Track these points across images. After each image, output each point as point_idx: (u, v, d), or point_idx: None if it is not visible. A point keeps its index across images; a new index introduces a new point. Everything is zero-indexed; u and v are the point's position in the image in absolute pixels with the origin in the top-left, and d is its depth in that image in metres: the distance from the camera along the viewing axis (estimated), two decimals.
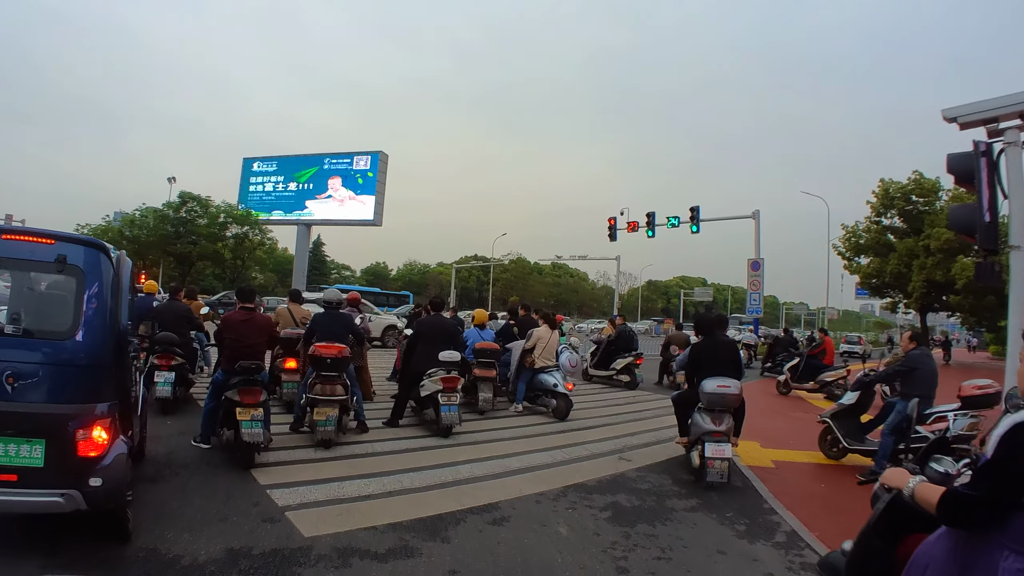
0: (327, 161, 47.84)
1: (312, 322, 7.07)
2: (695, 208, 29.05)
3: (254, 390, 5.53)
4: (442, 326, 7.78)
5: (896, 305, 40.81)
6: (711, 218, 30.36)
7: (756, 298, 29.24)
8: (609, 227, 32.45)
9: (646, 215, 30.91)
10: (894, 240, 35.01)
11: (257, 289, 53.70)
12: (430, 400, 7.24)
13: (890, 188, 34.09)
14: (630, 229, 31.72)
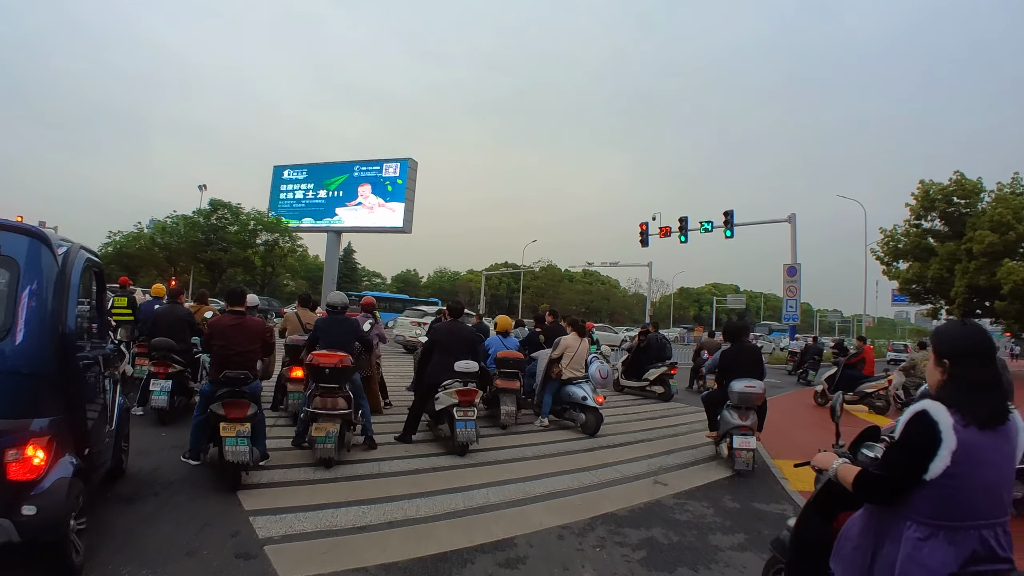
0: (357, 168, 47.99)
1: (315, 328, 6.46)
2: (729, 212, 28.12)
3: (240, 403, 4.92)
4: (459, 333, 7.05)
5: (937, 311, 38.98)
6: (745, 222, 29.40)
7: (793, 305, 28.09)
8: (641, 232, 31.62)
9: (679, 220, 30.13)
10: (935, 244, 33.29)
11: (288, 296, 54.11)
12: (445, 414, 6.56)
13: (930, 190, 32.44)
14: (662, 234, 30.88)
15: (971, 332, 2.15)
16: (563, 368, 8.65)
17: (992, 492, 2.01)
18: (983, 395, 2.02)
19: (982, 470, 1.97)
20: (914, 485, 2.00)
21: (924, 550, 1.99)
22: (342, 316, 6.43)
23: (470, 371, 6.60)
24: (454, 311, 7.41)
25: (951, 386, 2.07)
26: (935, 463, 1.94)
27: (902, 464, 2.03)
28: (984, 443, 1.96)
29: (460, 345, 6.85)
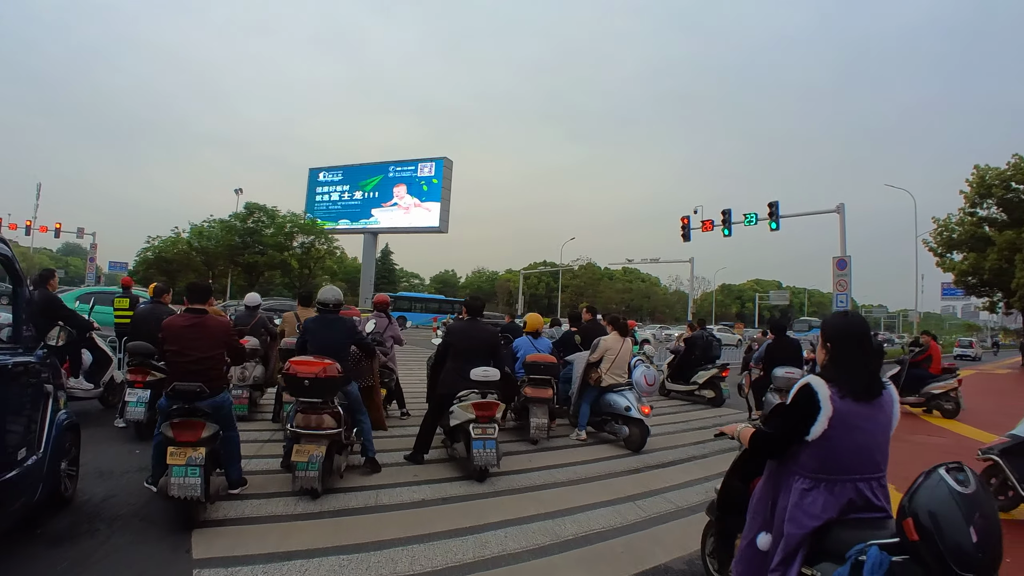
0: (392, 169, 47.80)
1: (303, 330, 5.44)
2: (774, 204, 26.46)
3: (192, 423, 3.95)
4: (477, 335, 5.89)
5: (995, 305, 36.32)
6: (791, 214, 27.70)
7: (843, 300, 26.13)
8: (683, 226, 30.23)
9: (721, 213, 28.62)
10: (992, 233, 30.85)
11: None
12: (460, 432, 5.50)
13: (987, 175, 30.05)
14: (705, 228, 29.41)
15: (850, 322, 2.57)
16: (603, 373, 7.50)
17: (864, 452, 2.41)
18: (857, 373, 2.43)
19: (854, 433, 2.38)
20: (799, 445, 2.43)
21: (807, 499, 2.41)
22: (334, 315, 5.38)
23: (489, 380, 5.52)
24: (472, 308, 6.15)
25: (831, 365, 2.50)
26: (815, 427, 2.36)
27: (787, 426, 2.47)
28: (857, 412, 2.38)
29: (478, 348, 5.75)
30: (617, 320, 7.95)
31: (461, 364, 5.64)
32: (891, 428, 2.46)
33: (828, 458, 2.38)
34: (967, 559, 1.96)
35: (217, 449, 4.20)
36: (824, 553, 2.36)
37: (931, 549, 2.00)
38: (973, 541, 1.97)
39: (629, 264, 61.22)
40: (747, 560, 2.69)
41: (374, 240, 49.59)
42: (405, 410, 8.02)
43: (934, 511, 2.03)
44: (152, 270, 37.76)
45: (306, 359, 4.69)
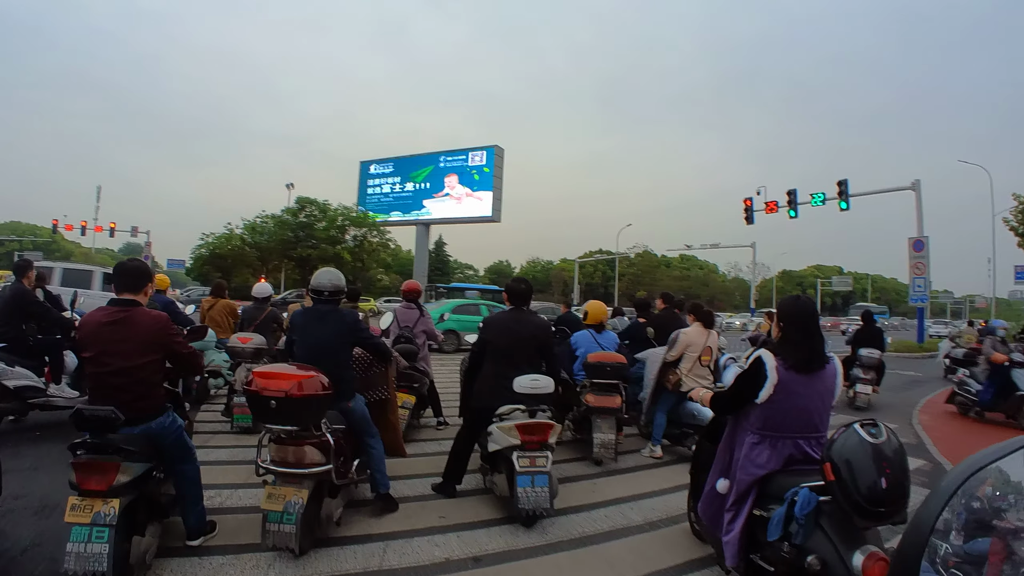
0: (442, 159, 46.94)
1: (289, 326, 4.18)
2: (843, 182, 24.55)
3: (102, 465, 2.71)
4: (521, 330, 4.41)
5: None
6: (861, 192, 25.56)
7: (921, 284, 23.54)
8: (745, 209, 28.79)
9: (787, 193, 26.99)
10: None
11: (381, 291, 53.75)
12: (501, 460, 4.13)
13: None
14: (769, 210, 27.97)
15: (799, 305, 2.98)
16: (683, 375, 6.01)
17: (803, 414, 2.83)
18: (800, 348, 2.84)
19: (795, 399, 2.81)
20: (750, 407, 2.90)
21: (755, 452, 2.87)
22: (329, 307, 3.98)
23: (539, 393, 4.07)
24: (515, 293, 4.60)
25: (780, 341, 2.93)
26: (762, 392, 2.79)
27: (739, 389, 2.94)
28: (799, 380, 2.81)
29: (523, 348, 4.33)
30: (700, 308, 6.41)
31: (502, 369, 4.25)
32: (832, 397, 2.91)
33: (772, 418, 2.84)
34: (876, 496, 2.29)
35: (158, 494, 3.00)
36: (770, 497, 2.80)
37: (844, 488, 2.35)
38: (881, 481, 2.30)
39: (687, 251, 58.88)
40: (709, 501, 3.17)
41: (426, 231, 48.84)
42: (442, 419, 6.71)
43: (848, 457, 2.38)
44: (207, 267, 38.01)
45: (275, 370, 3.33)
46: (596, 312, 6.31)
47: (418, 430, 6.44)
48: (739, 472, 2.89)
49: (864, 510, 2.29)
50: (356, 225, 42.12)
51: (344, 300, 8.13)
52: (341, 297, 4.05)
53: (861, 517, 2.34)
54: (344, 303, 8.06)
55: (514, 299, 4.61)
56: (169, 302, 6.93)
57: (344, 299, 8.10)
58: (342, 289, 4.05)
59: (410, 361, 6.10)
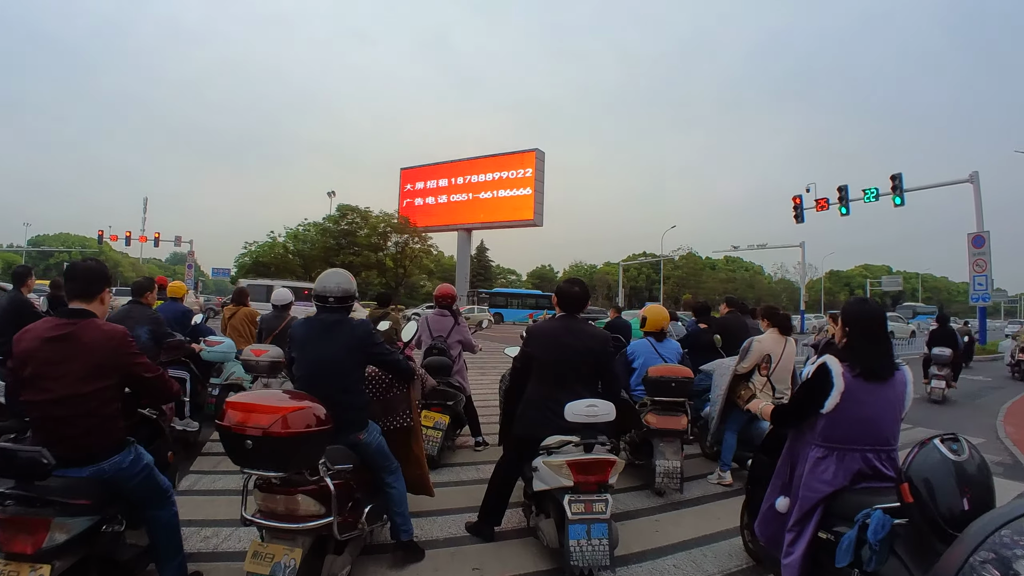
0: (483, 164, 46.55)
1: (289, 340, 3.41)
2: (897, 176, 23.13)
3: (27, 523, 2.08)
4: (574, 342, 3.54)
5: None
6: (917, 187, 23.98)
7: (982, 282, 21.63)
8: (795, 207, 27.75)
9: (837, 189, 25.67)
10: None
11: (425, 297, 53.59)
12: (550, 501, 3.35)
13: None
14: (819, 207, 26.84)
15: (866, 308, 2.77)
16: (757, 390, 5.16)
17: (872, 425, 2.61)
18: (868, 355, 2.64)
19: (864, 408, 2.59)
20: (814, 417, 2.67)
21: (820, 467, 2.63)
22: (337, 317, 3.24)
23: (597, 421, 3.25)
24: (567, 298, 3.70)
25: (847, 346, 2.72)
26: (828, 401, 2.58)
27: (803, 399, 2.74)
28: (867, 389, 2.59)
29: (576, 365, 3.51)
30: (775, 312, 5.54)
31: (549, 390, 3.47)
32: (902, 407, 2.68)
33: (838, 429, 2.61)
34: (959, 519, 2.01)
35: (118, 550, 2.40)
36: (837, 517, 2.56)
37: (925, 511, 2.13)
38: (963, 502, 2.08)
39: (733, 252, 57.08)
40: (767, 521, 2.96)
41: (468, 237, 48.57)
42: (481, 439, 5.97)
43: (927, 476, 2.16)
44: (251, 275, 38.29)
45: (253, 399, 2.61)
46: (656, 318, 5.48)
47: (453, 452, 5.72)
48: (802, 489, 2.67)
49: (946, 535, 2.03)
50: (398, 231, 41.97)
51: (376, 306, 7.53)
52: (351, 304, 3.35)
53: (943, 543, 2.02)
54: (374, 309, 7.47)
55: (566, 304, 3.73)
56: (185, 312, 6.39)
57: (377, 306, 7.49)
58: (352, 294, 3.33)
59: (443, 375, 5.40)
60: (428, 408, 5.17)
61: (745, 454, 5.42)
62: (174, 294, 6.76)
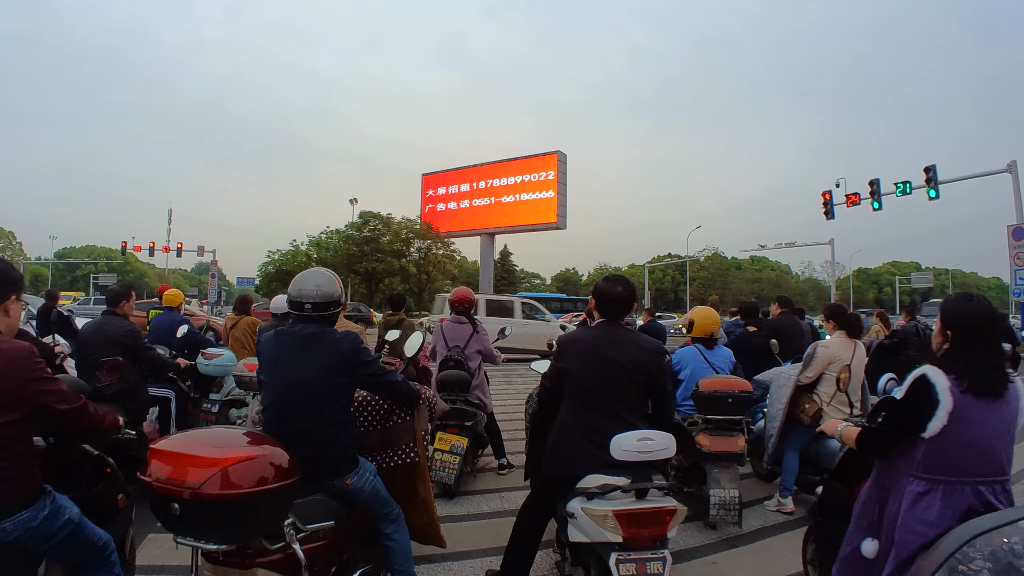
0: (504, 168, 46.01)
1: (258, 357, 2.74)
2: (931, 168, 21.98)
3: None
4: (618, 358, 2.74)
5: None
6: (952, 179, 22.81)
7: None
8: (824, 203, 26.56)
9: (869, 184, 24.42)
10: None
11: None
12: (589, 554, 2.62)
13: None
14: (850, 203, 25.55)
15: (976, 308, 2.24)
16: (824, 403, 4.45)
17: (985, 451, 2.14)
18: (981, 365, 2.15)
19: (975, 431, 2.12)
20: (914, 443, 2.18)
21: (922, 504, 2.14)
22: (316, 328, 2.55)
23: (653, 455, 2.53)
24: (609, 300, 2.88)
25: (951, 355, 2.22)
26: (933, 422, 2.10)
27: (901, 421, 2.21)
28: (979, 407, 2.11)
29: (622, 385, 2.75)
30: (842, 312, 4.81)
31: (588, 417, 2.75)
32: (1016, 425, 2.21)
33: (946, 457, 2.15)
34: None
35: None
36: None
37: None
38: None
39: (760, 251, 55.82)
40: (850, 567, 2.44)
41: (491, 241, 48.02)
42: (505, 460, 5.32)
43: None
44: (275, 284, 38.22)
45: (184, 444, 1.95)
46: (705, 321, 4.73)
47: (474, 478, 5.07)
48: (899, 531, 2.19)
49: None
50: (420, 237, 41.67)
51: (388, 312, 6.92)
52: (335, 311, 2.64)
53: None
54: (388, 315, 6.85)
55: (607, 307, 2.89)
56: (180, 321, 5.87)
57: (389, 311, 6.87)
58: (335, 298, 2.62)
59: (461, 391, 4.77)
60: (444, 429, 4.54)
61: (809, 477, 4.70)
62: (169, 303, 6.25)
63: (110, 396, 4.11)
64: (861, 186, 24.80)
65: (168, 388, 4.80)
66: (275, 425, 2.38)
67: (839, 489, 2.81)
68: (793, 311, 6.32)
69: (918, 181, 22.52)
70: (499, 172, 46.15)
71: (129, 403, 4.19)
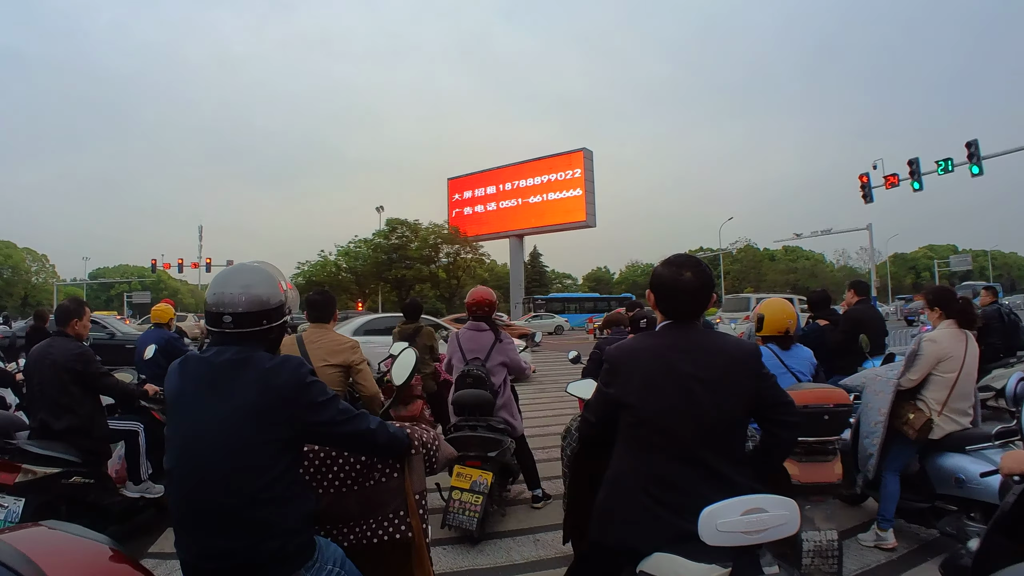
0: (530, 168, 45.61)
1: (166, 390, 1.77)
2: (972, 143, 20.65)
3: None
4: (693, 373, 1.83)
5: None
6: (995, 153, 21.22)
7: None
8: (862, 186, 25.22)
9: (908, 163, 23.11)
10: None
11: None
12: None
13: None
14: (889, 184, 24.30)
15: None
16: (935, 412, 3.55)
17: None
18: None
19: None
20: None
21: None
22: (238, 353, 1.67)
23: (767, 535, 1.64)
24: (676, 292, 1.92)
25: None
26: None
27: None
28: None
29: (706, 415, 1.81)
30: (950, 297, 3.88)
31: (654, 464, 1.85)
32: None
33: None
34: None
35: None
36: None
37: None
38: None
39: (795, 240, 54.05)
40: None
41: (520, 243, 47.53)
42: (539, 492, 4.49)
43: None
44: (304, 295, 38.12)
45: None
46: (779, 316, 3.77)
47: (502, 517, 4.25)
48: None
49: None
50: (449, 242, 41.27)
51: (402, 322, 6.15)
52: (273, 327, 1.79)
53: None
54: (402, 324, 6.08)
55: (673, 303, 1.97)
56: (170, 338, 5.24)
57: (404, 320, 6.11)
58: (274, 306, 1.77)
59: (483, 414, 3.96)
60: (462, 462, 3.74)
61: (914, 503, 3.80)
62: (158, 320, 5.60)
63: (58, 433, 3.46)
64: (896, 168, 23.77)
65: (135, 420, 4.09)
66: (177, 504, 1.61)
67: (1004, 544, 1.98)
68: (865, 297, 5.39)
69: (958, 158, 21.35)
70: (525, 173, 45.66)
71: (82, 441, 3.51)
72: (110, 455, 3.88)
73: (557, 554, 3.55)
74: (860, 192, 25.31)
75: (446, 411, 5.03)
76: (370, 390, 3.41)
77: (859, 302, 5.16)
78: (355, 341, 3.58)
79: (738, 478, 1.79)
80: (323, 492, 1.93)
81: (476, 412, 3.94)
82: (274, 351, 1.79)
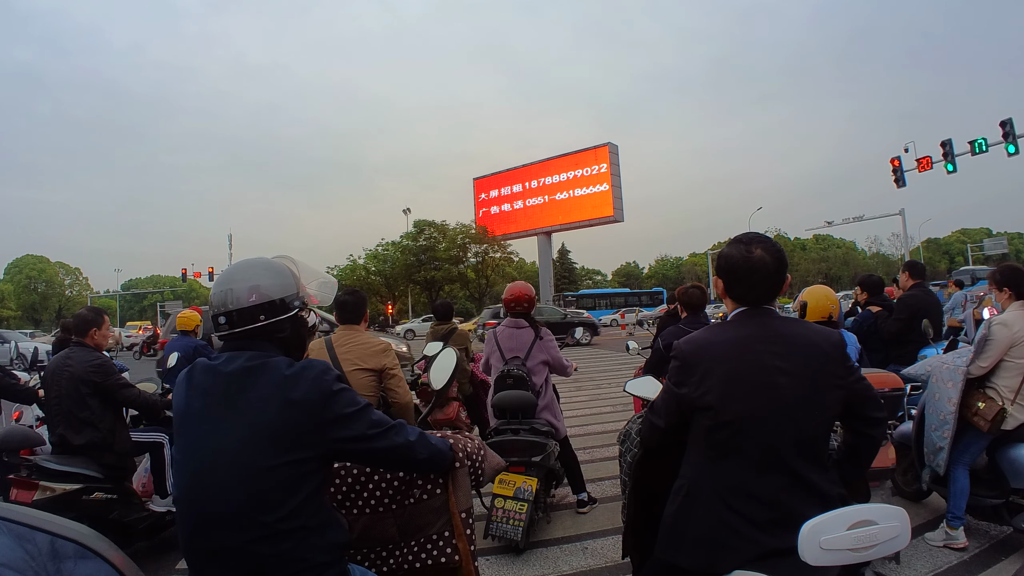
0: (556, 165, 45.27)
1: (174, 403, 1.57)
2: (1007, 122, 19.96)
3: None
4: (780, 367, 1.61)
5: None
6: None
7: None
8: (894, 169, 24.56)
9: (940, 145, 22.35)
10: None
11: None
12: None
13: None
14: (922, 167, 23.70)
15: None
16: (1008, 401, 3.30)
17: None
18: None
19: None
20: None
21: None
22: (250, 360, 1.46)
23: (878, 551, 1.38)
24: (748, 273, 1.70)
25: None
26: None
27: None
28: None
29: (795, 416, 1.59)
30: (1020, 276, 3.62)
31: (738, 473, 1.61)
32: None
33: None
34: None
35: None
36: None
37: None
38: None
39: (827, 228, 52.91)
40: None
41: (548, 240, 47.26)
42: (585, 496, 4.31)
43: None
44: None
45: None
46: (821, 303, 3.58)
47: (548, 523, 4.07)
48: None
49: None
50: (477, 242, 41.30)
51: (434, 323, 6.03)
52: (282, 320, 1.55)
53: None
54: (435, 325, 5.97)
55: (746, 286, 1.74)
56: (197, 346, 5.19)
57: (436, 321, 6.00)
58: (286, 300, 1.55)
59: (525, 417, 3.82)
60: (506, 468, 3.61)
61: (986, 499, 3.55)
62: (184, 327, 5.56)
63: (79, 448, 3.40)
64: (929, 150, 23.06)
65: (161, 431, 4.02)
66: (185, 539, 1.44)
67: None
68: (921, 280, 5.09)
69: (992, 138, 20.67)
70: (550, 169, 45.38)
71: (104, 455, 3.44)
72: (134, 469, 3.82)
73: (607, 563, 3.39)
74: (892, 177, 24.78)
75: (482, 414, 4.89)
76: (404, 397, 3.29)
77: (914, 286, 4.87)
78: (388, 343, 3.46)
79: (827, 486, 1.60)
80: (357, 514, 1.77)
81: (518, 414, 3.80)
82: (294, 355, 1.56)
